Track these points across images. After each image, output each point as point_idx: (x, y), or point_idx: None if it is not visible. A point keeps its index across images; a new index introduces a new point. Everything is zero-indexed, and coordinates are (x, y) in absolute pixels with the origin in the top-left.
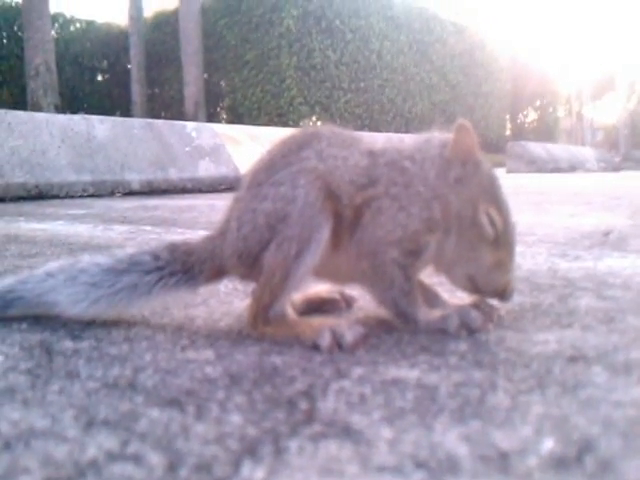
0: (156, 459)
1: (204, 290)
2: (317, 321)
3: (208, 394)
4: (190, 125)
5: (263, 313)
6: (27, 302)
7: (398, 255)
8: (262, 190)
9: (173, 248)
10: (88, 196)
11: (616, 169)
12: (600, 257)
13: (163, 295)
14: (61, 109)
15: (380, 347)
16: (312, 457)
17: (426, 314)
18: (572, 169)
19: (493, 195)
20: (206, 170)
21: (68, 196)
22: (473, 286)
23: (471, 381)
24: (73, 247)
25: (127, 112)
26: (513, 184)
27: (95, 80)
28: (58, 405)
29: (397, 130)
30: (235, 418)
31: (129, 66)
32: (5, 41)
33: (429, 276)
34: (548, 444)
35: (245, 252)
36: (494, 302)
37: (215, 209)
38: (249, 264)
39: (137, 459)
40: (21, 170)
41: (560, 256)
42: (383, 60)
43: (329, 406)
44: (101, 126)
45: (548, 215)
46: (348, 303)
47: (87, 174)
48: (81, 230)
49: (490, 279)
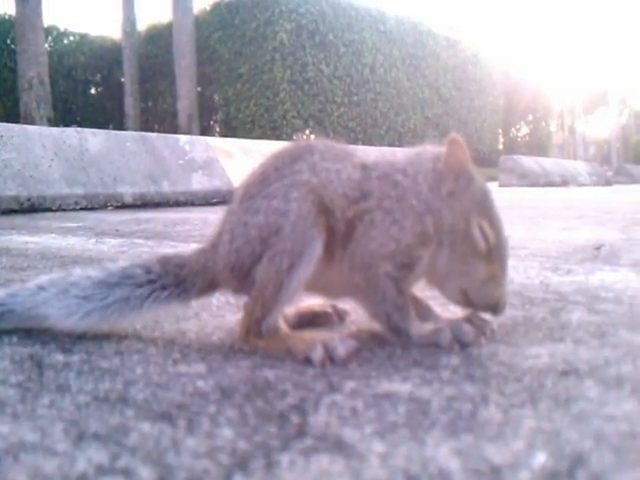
0: (146, 473)
1: (196, 303)
2: (309, 335)
3: (199, 408)
4: (183, 138)
5: (255, 327)
6: (18, 315)
7: (391, 269)
8: (254, 203)
9: (165, 261)
10: (81, 209)
11: (608, 183)
12: (592, 271)
13: (155, 308)
14: (54, 122)
15: (372, 361)
16: (303, 471)
17: (418, 328)
18: (564, 183)
19: (485, 209)
20: (199, 183)
21: (61, 209)
22: (466, 300)
23: (463, 395)
24: (65, 260)
25: (120, 125)
26: (506, 198)
27: (88, 93)
28: (48, 419)
29: (390, 144)
30: (226, 432)
31: (122, 79)
32: None
33: (422, 290)
34: (540, 458)
35: (237, 265)
36: (486, 316)
37: (208, 222)
38: (241, 277)
39: (127, 473)
40: (13, 183)
41: (552, 270)
42: (376, 74)
43: (321, 420)
44: (94, 139)
45: (540, 229)
46: (340, 317)
47: (80, 187)
48: (73, 243)
49: (483, 293)
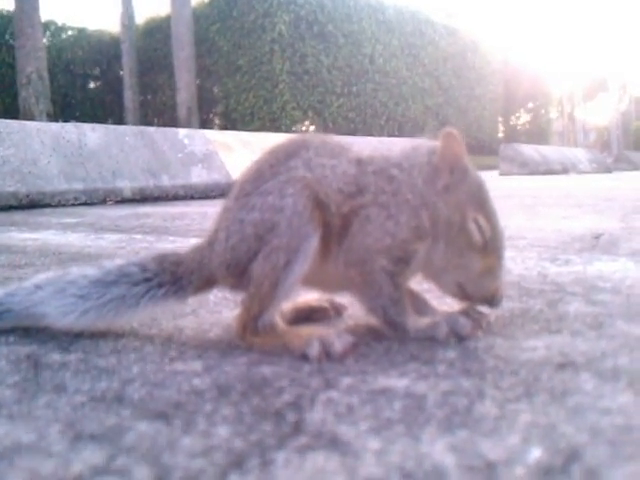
0: (142, 473)
1: (193, 300)
2: (306, 330)
3: (195, 407)
4: (182, 132)
5: (252, 323)
6: (16, 314)
7: (387, 263)
8: (250, 200)
9: (161, 259)
10: (80, 204)
11: (608, 170)
12: (590, 261)
13: (152, 306)
14: (53, 117)
15: (369, 356)
16: (299, 469)
17: (415, 322)
18: (564, 171)
19: (481, 202)
20: (198, 177)
21: (60, 205)
22: (462, 293)
23: (459, 390)
24: (63, 257)
25: (120, 119)
26: (505, 186)
27: (87, 87)
28: (44, 419)
29: (390, 134)
30: (222, 431)
31: (121, 73)
32: None
33: (418, 283)
34: (535, 453)
35: (233, 262)
36: (483, 308)
37: (207, 216)
38: (238, 274)
39: (123, 473)
40: (12, 179)
41: (550, 260)
42: (375, 64)
43: (317, 417)
44: (92, 134)
45: (540, 218)
46: (338, 311)
47: (79, 182)
48: (72, 239)
49: (479, 286)
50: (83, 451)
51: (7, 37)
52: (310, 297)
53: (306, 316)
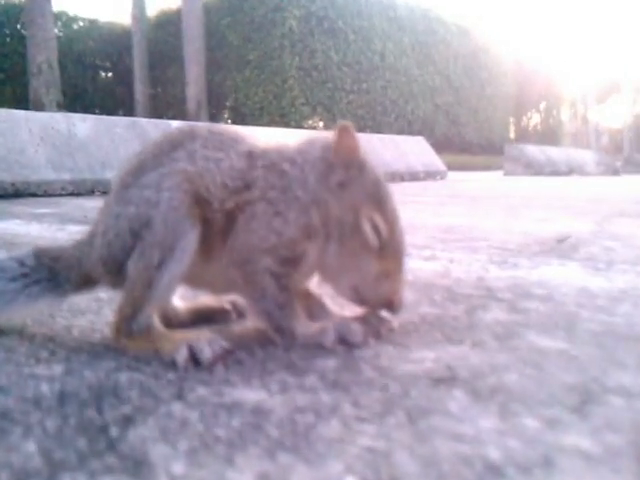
0: None
1: (106, 295)
2: (180, 335)
3: (23, 416)
4: (175, 124)
5: (126, 325)
6: None
7: (272, 263)
8: (128, 193)
9: (41, 254)
10: (67, 194)
11: (616, 172)
12: (537, 265)
13: (30, 303)
14: (63, 107)
15: (244, 363)
16: None
17: (305, 327)
18: (570, 172)
19: (378, 200)
20: None
21: (47, 194)
22: (358, 297)
23: (314, 405)
24: (12, 247)
25: (130, 111)
26: (501, 187)
27: (98, 79)
28: None
29: (399, 132)
30: (30, 446)
31: (132, 65)
32: (8, 39)
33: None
34: None
35: (110, 259)
36: (386, 315)
37: None
38: (115, 272)
39: None
40: None
41: (498, 264)
42: (386, 61)
43: (140, 434)
44: (82, 124)
45: (516, 220)
46: (240, 313)
47: (66, 172)
48: (32, 229)
49: (375, 290)
50: None
51: (19, 27)
52: (210, 297)
53: (207, 317)
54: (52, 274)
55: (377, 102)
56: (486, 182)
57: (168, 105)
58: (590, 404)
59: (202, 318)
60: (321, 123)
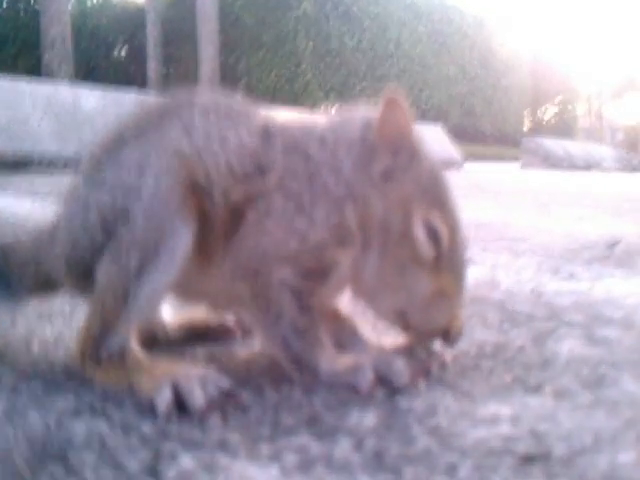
0: None
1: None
2: (164, 367)
3: None
4: None
5: (93, 349)
6: None
7: (291, 276)
8: (101, 175)
9: None
10: (70, 167)
11: (634, 169)
12: (599, 277)
13: None
14: (75, 81)
15: (249, 412)
16: None
17: (331, 361)
18: (587, 167)
19: (436, 198)
20: None
21: (49, 167)
22: (404, 323)
23: None
24: None
25: (143, 89)
26: (523, 180)
27: (111, 55)
28: None
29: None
30: None
31: (146, 43)
32: (22, 13)
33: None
34: None
35: (75, 259)
36: (436, 345)
37: None
38: (81, 276)
39: None
40: None
41: (551, 272)
42: (401, 49)
43: None
44: (89, 97)
45: (550, 218)
46: (247, 331)
47: (70, 145)
48: (22, 207)
49: (427, 316)
50: None
51: (32, 1)
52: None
53: (204, 336)
54: (1, 272)
55: None
56: (505, 174)
57: (180, 84)
58: None
59: (198, 336)
60: (334, 110)
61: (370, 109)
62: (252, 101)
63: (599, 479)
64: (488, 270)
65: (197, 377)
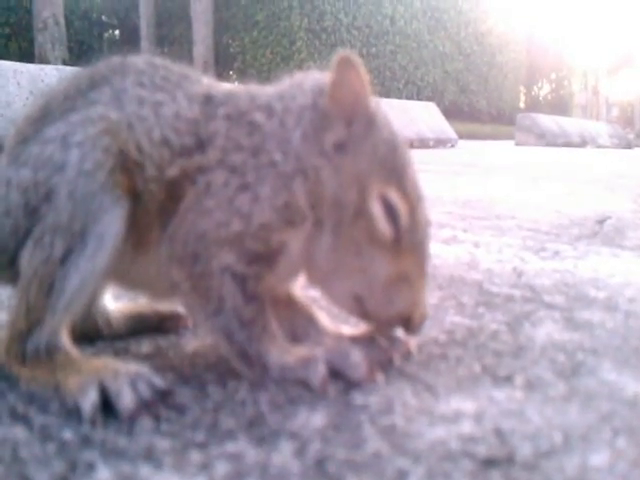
0: None
1: None
2: (94, 364)
3: None
4: None
5: (17, 345)
6: None
7: (234, 260)
8: (25, 151)
9: None
10: None
11: (629, 146)
12: (585, 255)
13: None
14: (69, 64)
15: (186, 413)
16: None
17: (283, 354)
18: (583, 144)
19: (395, 171)
20: None
21: None
22: (362, 310)
23: None
24: None
25: None
26: (516, 157)
27: (104, 36)
28: None
29: (408, 98)
30: None
31: (140, 23)
32: None
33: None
34: None
35: None
36: (399, 333)
37: None
38: (5, 264)
39: None
40: None
41: (535, 251)
42: (396, 25)
43: None
44: None
45: (541, 194)
46: None
47: None
48: None
49: (386, 302)
50: None
51: None
52: None
53: (152, 325)
54: None
55: (386, 67)
56: (499, 151)
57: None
58: None
59: (147, 327)
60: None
61: (323, 74)
62: (246, 80)
63: None
64: (469, 249)
65: (126, 376)
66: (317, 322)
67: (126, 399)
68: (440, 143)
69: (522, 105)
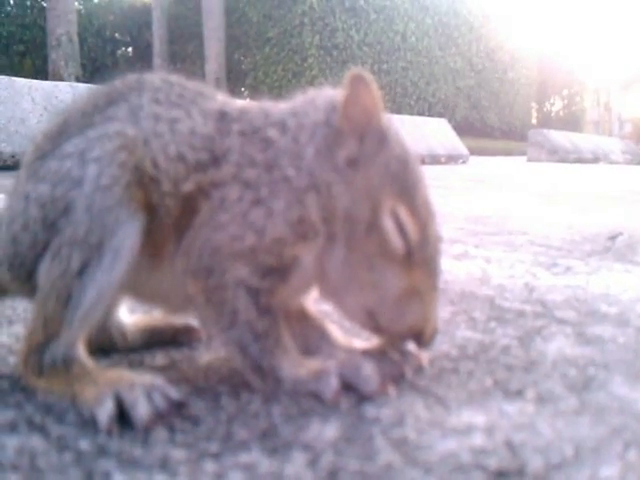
0: None
1: None
2: (110, 376)
3: None
4: None
5: (35, 357)
6: None
7: (248, 274)
8: (43, 166)
9: None
10: None
11: None
12: (596, 270)
13: None
14: (83, 80)
15: (200, 424)
16: None
17: (294, 367)
18: (596, 160)
19: (407, 187)
20: None
21: None
22: (374, 324)
23: None
24: None
25: None
26: (528, 173)
27: (117, 53)
28: None
29: (420, 114)
30: None
31: (152, 40)
32: (29, 11)
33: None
34: None
35: (17, 260)
36: (412, 347)
37: None
38: (24, 278)
39: None
40: None
41: (547, 267)
42: (407, 42)
43: None
44: None
45: (553, 210)
46: None
47: None
48: None
49: (397, 316)
50: None
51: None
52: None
53: (167, 338)
54: None
55: (398, 83)
56: (511, 168)
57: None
58: None
59: (161, 340)
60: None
61: (336, 91)
62: (259, 97)
63: None
64: (481, 265)
65: (142, 387)
66: (329, 335)
67: (142, 410)
68: (452, 159)
69: (534, 121)
